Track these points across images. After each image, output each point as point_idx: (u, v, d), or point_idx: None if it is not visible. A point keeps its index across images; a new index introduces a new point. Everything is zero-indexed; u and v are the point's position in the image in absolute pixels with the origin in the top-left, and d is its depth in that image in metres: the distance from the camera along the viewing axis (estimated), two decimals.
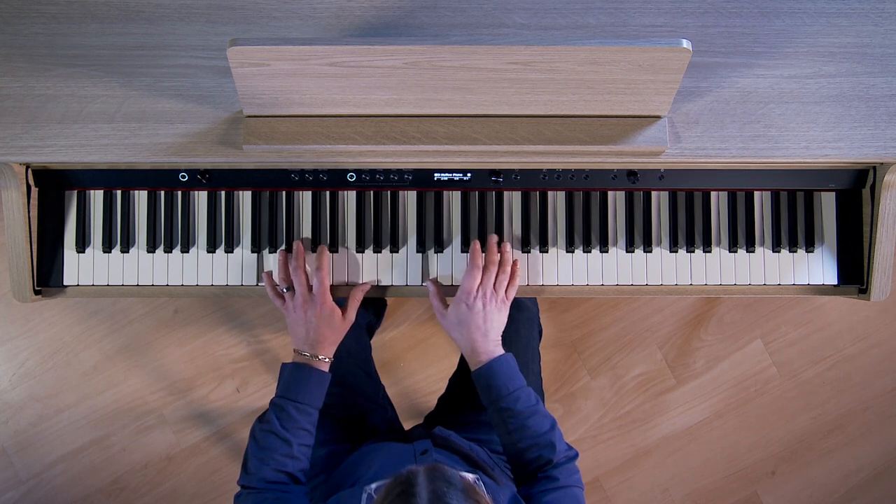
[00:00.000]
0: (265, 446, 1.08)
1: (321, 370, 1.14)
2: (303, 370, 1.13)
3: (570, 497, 1.04)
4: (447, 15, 1.15)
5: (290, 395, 1.11)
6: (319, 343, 1.15)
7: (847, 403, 2.06)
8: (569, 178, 1.22)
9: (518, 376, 1.12)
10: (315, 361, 1.14)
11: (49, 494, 1.99)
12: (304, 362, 1.14)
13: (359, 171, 1.21)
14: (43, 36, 1.13)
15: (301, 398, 1.10)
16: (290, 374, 1.13)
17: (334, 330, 1.16)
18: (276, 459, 1.07)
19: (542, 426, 1.08)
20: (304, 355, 1.14)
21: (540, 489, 1.04)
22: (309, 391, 1.11)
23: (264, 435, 1.09)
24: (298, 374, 1.12)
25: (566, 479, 1.05)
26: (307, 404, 1.11)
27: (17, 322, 1.98)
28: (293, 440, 1.08)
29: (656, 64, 0.99)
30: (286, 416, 1.09)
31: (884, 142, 1.12)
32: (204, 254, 1.23)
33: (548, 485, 1.04)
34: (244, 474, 1.09)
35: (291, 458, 1.08)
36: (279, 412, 1.10)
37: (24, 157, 1.11)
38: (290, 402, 1.10)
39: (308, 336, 1.15)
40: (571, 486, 1.05)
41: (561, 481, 1.05)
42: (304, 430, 1.10)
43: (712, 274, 1.25)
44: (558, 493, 1.03)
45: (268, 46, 0.96)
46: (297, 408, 1.10)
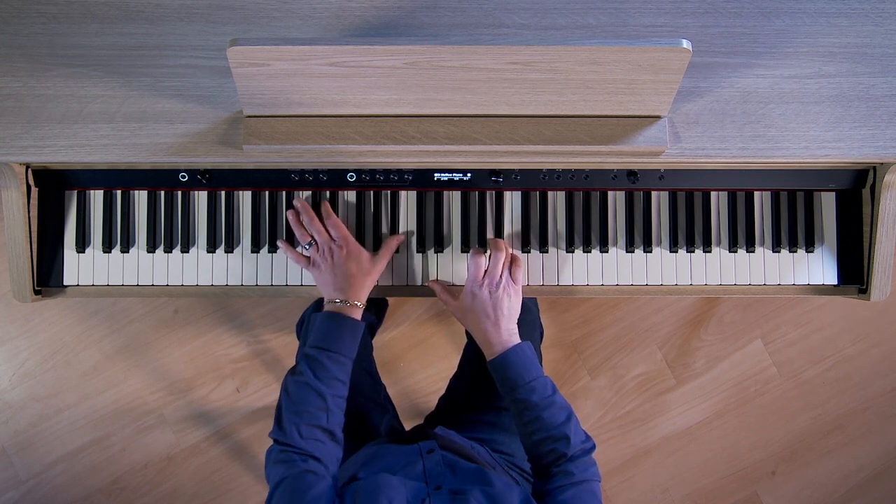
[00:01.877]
0: (298, 399, 1.04)
1: (354, 318, 1.11)
2: (335, 318, 1.10)
3: (586, 492, 1.01)
4: (447, 15, 1.15)
5: (324, 343, 1.07)
6: (350, 286, 1.12)
7: (847, 403, 2.06)
8: (569, 178, 1.22)
9: (534, 366, 1.10)
10: (347, 308, 1.11)
11: (49, 494, 1.99)
12: (336, 310, 1.11)
13: (359, 171, 1.21)
14: (43, 36, 1.13)
15: (335, 347, 1.07)
16: (323, 323, 1.10)
17: (363, 271, 1.14)
18: (311, 412, 1.03)
19: (557, 418, 1.06)
20: (335, 303, 1.11)
21: (555, 485, 1.02)
22: (343, 340, 1.08)
23: (297, 387, 1.05)
24: (331, 322, 1.09)
25: (581, 473, 1.03)
26: (341, 353, 1.07)
27: (17, 322, 1.98)
28: (327, 392, 1.04)
29: (656, 64, 0.99)
30: (319, 366, 1.06)
31: (884, 142, 1.12)
32: (204, 254, 1.23)
33: (563, 480, 1.02)
34: (278, 429, 1.04)
35: (326, 410, 1.04)
36: (312, 363, 1.06)
37: (24, 157, 1.11)
38: (323, 352, 1.07)
39: (337, 281, 1.12)
40: (588, 481, 1.03)
41: (576, 476, 1.02)
42: (339, 381, 1.06)
43: (712, 274, 1.25)
44: (575, 490, 1.01)
45: (268, 46, 0.96)
46: (331, 357, 1.06)
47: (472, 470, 1.06)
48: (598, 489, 1.04)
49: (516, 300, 1.15)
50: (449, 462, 1.07)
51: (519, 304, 1.15)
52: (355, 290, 1.13)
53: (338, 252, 1.14)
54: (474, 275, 1.14)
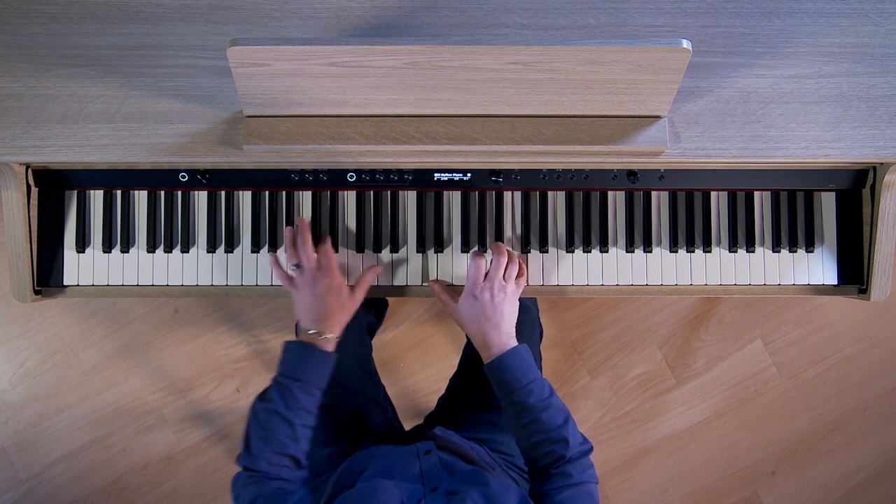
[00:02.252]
0: (267, 427, 1.05)
1: (327, 350, 1.12)
2: (308, 349, 1.11)
3: (583, 494, 1.02)
4: (447, 15, 1.15)
5: (295, 374, 1.09)
6: (327, 319, 1.13)
7: (847, 403, 2.06)
8: (569, 178, 1.22)
9: (531, 368, 1.10)
10: (321, 340, 1.12)
11: (49, 494, 1.99)
12: (309, 341, 1.12)
13: (359, 171, 1.21)
14: (43, 36, 1.13)
15: (306, 377, 1.08)
16: (296, 352, 1.11)
17: (342, 307, 1.14)
18: (279, 440, 1.05)
19: (555, 420, 1.06)
20: (310, 333, 1.12)
21: (552, 486, 1.02)
22: (314, 371, 1.09)
23: (267, 415, 1.07)
24: (304, 352, 1.10)
25: (579, 475, 1.03)
26: (311, 384, 1.09)
27: (17, 322, 1.98)
28: (296, 421, 1.06)
29: (656, 64, 0.99)
30: (290, 396, 1.07)
31: (884, 142, 1.12)
32: (204, 254, 1.23)
33: (561, 482, 1.03)
34: (246, 454, 1.06)
35: (294, 439, 1.06)
36: (283, 391, 1.08)
37: (24, 157, 1.11)
38: (294, 382, 1.08)
39: (317, 311, 1.13)
40: (585, 483, 1.03)
41: (574, 478, 1.03)
42: (307, 412, 1.08)
43: (712, 274, 1.25)
44: (571, 491, 1.01)
45: (268, 46, 0.96)
46: (302, 388, 1.08)
47: (469, 471, 1.06)
48: (595, 491, 1.04)
49: (515, 304, 1.15)
50: (445, 463, 1.07)
51: (517, 308, 1.15)
52: (331, 324, 1.13)
53: (321, 282, 1.14)
54: (474, 277, 1.14)
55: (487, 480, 1.01)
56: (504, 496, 0.96)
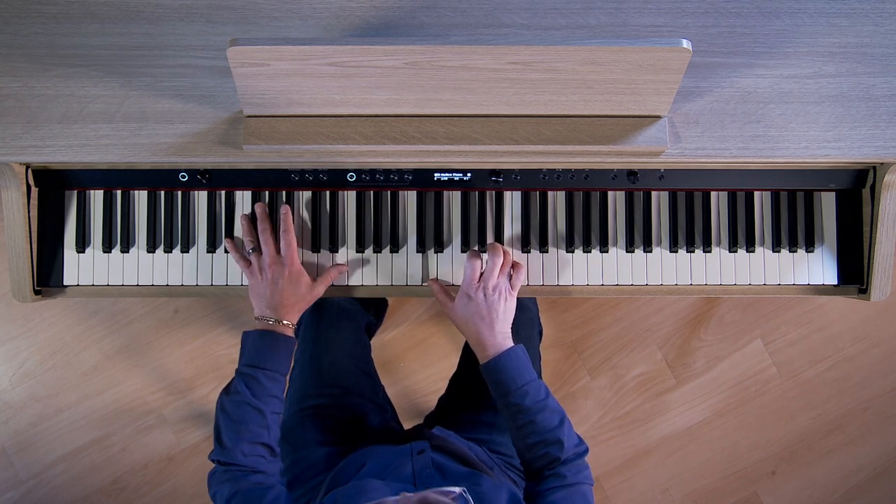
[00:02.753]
0: (238, 418, 1.05)
1: (287, 335, 1.12)
2: (269, 336, 1.11)
3: (577, 494, 1.02)
4: (447, 15, 1.15)
5: (259, 362, 1.09)
6: (283, 307, 1.13)
7: (847, 403, 2.06)
8: (569, 178, 1.22)
9: (527, 369, 1.10)
10: (279, 327, 1.12)
11: (49, 494, 1.99)
12: (268, 329, 1.12)
13: (359, 171, 1.21)
14: (43, 36, 1.13)
15: (270, 365, 1.09)
16: (256, 341, 1.11)
17: (300, 296, 1.15)
18: (252, 430, 1.05)
19: (550, 422, 1.06)
20: (267, 322, 1.12)
21: (546, 487, 1.03)
22: (277, 358, 1.10)
23: (236, 406, 1.06)
24: (264, 340, 1.11)
25: (573, 476, 1.04)
26: (276, 371, 1.09)
27: (17, 322, 1.98)
28: (265, 409, 1.06)
29: (656, 64, 0.99)
30: (256, 384, 1.07)
31: (884, 142, 1.12)
32: (204, 254, 1.23)
33: (554, 482, 1.03)
34: (219, 448, 1.06)
35: (265, 427, 1.06)
36: (249, 381, 1.08)
37: (24, 157, 1.11)
38: (259, 370, 1.08)
39: (272, 299, 1.13)
40: (579, 484, 1.03)
41: (568, 479, 1.03)
42: (275, 398, 1.08)
43: (712, 274, 1.25)
44: (565, 492, 1.02)
45: (268, 46, 0.96)
46: (267, 375, 1.08)
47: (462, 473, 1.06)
48: (589, 492, 1.04)
49: (511, 304, 1.15)
50: (438, 464, 1.07)
51: (514, 309, 1.15)
52: (286, 311, 1.13)
53: (279, 270, 1.14)
54: (470, 277, 1.14)
55: (479, 481, 1.01)
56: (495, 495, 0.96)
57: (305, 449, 1.24)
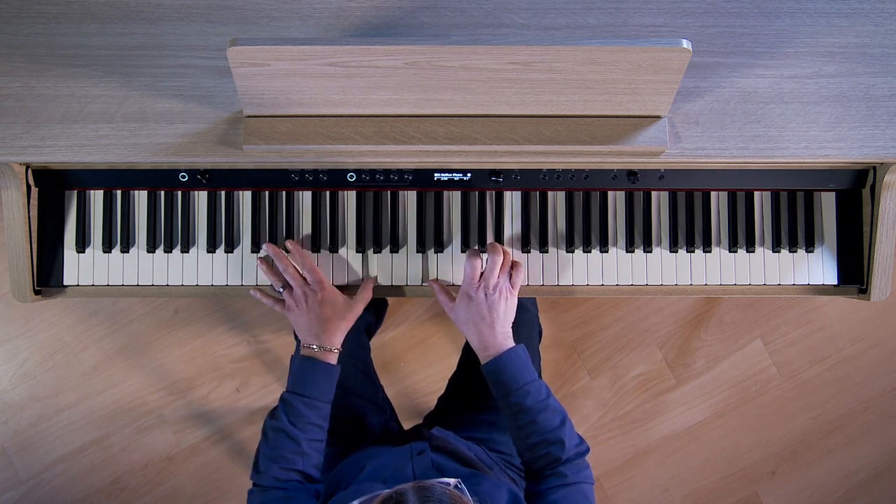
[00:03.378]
0: (274, 444, 1.07)
1: (328, 363, 1.12)
2: (309, 363, 1.12)
3: (578, 493, 1.02)
4: (447, 15, 1.15)
5: (298, 389, 1.10)
6: (325, 331, 1.13)
7: (847, 403, 2.06)
8: (569, 178, 1.22)
9: (528, 369, 1.10)
10: (322, 353, 1.12)
11: (49, 494, 1.99)
12: (311, 356, 1.13)
13: (359, 171, 1.21)
14: (43, 36, 1.13)
15: (309, 392, 1.09)
16: (298, 367, 1.12)
17: (339, 315, 1.15)
18: (286, 457, 1.06)
19: (551, 422, 1.07)
20: (311, 348, 1.13)
21: (547, 486, 1.03)
22: (317, 385, 1.10)
23: (274, 433, 1.08)
24: (305, 367, 1.12)
25: (574, 475, 1.04)
26: (315, 398, 1.10)
27: (17, 322, 1.98)
28: (301, 437, 1.07)
29: (656, 64, 0.99)
30: (294, 413, 1.08)
31: (884, 142, 1.12)
32: (204, 254, 1.23)
33: (555, 482, 1.03)
34: (255, 472, 1.08)
35: (301, 454, 1.07)
36: (287, 408, 1.09)
37: (24, 157, 1.11)
38: (297, 397, 1.09)
39: (312, 326, 1.13)
40: (580, 483, 1.04)
41: (569, 478, 1.03)
42: (314, 426, 1.09)
43: (712, 274, 1.25)
44: (565, 491, 1.02)
45: (268, 46, 0.96)
46: (305, 402, 1.09)
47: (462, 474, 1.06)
48: (590, 492, 1.05)
49: (512, 304, 1.15)
50: (438, 465, 1.07)
51: (514, 308, 1.15)
52: (329, 335, 1.14)
53: (312, 296, 1.14)
54: (470, 277, 1.14)
55: (479, 481, 1.01)
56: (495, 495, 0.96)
57: None
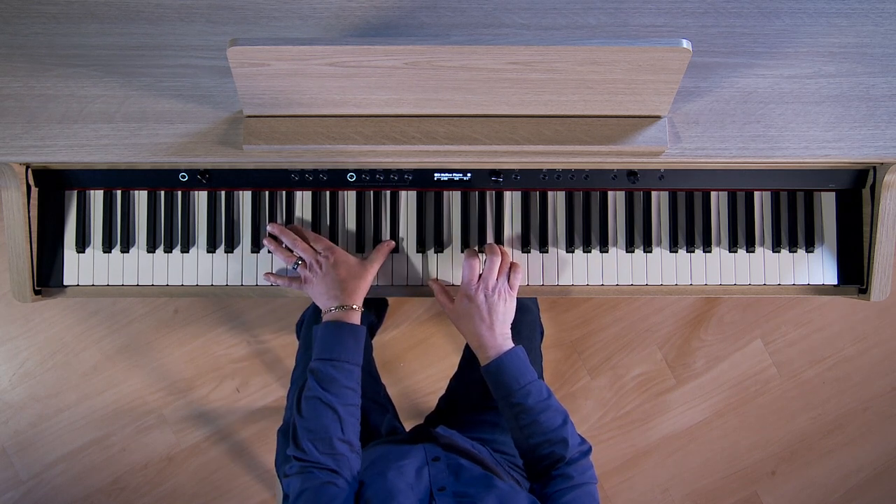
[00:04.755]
0: (310, 416, 1.04)
1: (353, 323, 1.11)
2: (334, 326, 1.10)
3: (586, 495, 1.02)
4: (447, 15, 1.15)
5: (327, 354, 1.08)
6: (343, 290, 1.12)
7: (847, 403, 2.06)
8: (569, 178, 1.22)
9: (528, 370, 1.10)
10: (345, 314, 1.11)
11: (49, 494, 1.99)
12: (334, 318, 1.11)
13: (359, 171, 1.21)
14: (43, 36, 1.13)
15: (339, 355, 1.07)
16: (323, 334, 1.10)
17: (354, 275, 1.14)
18: (325, 426, 1.03)
19: (553, 421, 1.06)
20: (331, 311, 1.12)
21: (555, 489, 1.02)
22: (344, 347, 1.08)
23: (308, 403, 1.05)
24: (331, 331, 1.09)
25: (580, 476, 1.04)
26: (345, 361, 1.08)
27: (17, 322, 1.98)
28: (337, 402, 1.05)
29: (656, 64, 0.99)
30: (326, 378, 1.06)
31: (884, 142, 1.12)
32: (204, 254, 1.23)
33: (562, 484, 1.03)
34: (294, 447, 1.04)
35: (339, 420, 1.04)
36: (318, 375, 1.06)
37: (24, 157, 1.11)
38: (327, 363, 1.07)
39: (330, 289, 1.13)
40: (586, 484, 1.03)
41: (575, 479, 1.03)
42: (348, 389, 1.07)
43: (712, 274, 1.25)
44: (575, 493, 1.01)
45: (268, 46, 0.96)
46: (336, 366, 1.07)
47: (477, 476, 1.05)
48: (595, 491, 1.04)
49: (511, 305, 1.15)
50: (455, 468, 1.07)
51: (514, 309, 1.15)
52: (349, 294, 1.13)
53: (325, 262, 1.14)
54: (468, 278, 1.14)
55: (495, 483, 1.00)
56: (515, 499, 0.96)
57: None
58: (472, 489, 0.99)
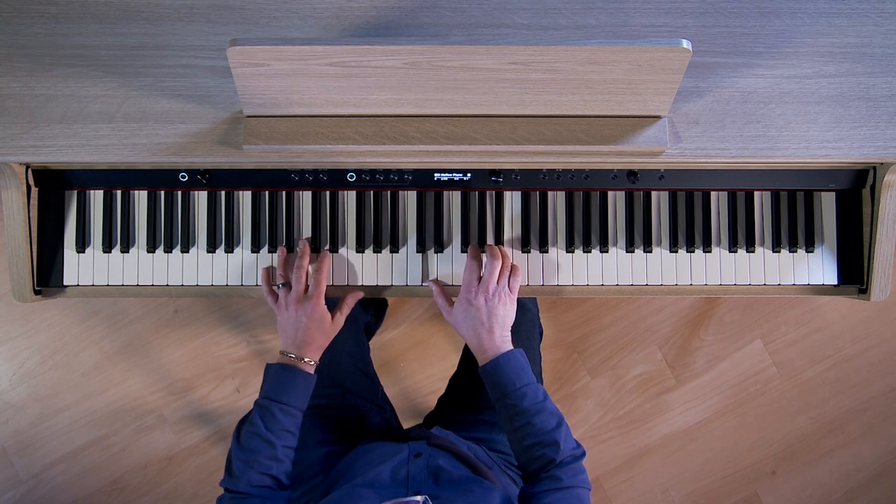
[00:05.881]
0: (249, 448, 1.07)
1: (307, 372, 1.13)
2: (288, 371, 1.12)
3: (572, 497, 1.02)
4: (447, 15, 1.15)
5: (275, 396, 1.10)
6: (307, 345, 1.14)
7: (847, 403, 2.06)
8: (569, 178, 1.22)
9: (526, 372, 1.10)
10: (301, 364, 1.13)
11: (49, 494, 1.99)
12: (289, 363, 1.13)
13: (359, 171, 1.21)
14: (43, 36, 1.13)
15: (286, 399, 1.10)
16: (276, 374, 1.12)
17: (323, 333, 1.16)
18: (261, 462, 1.06)
19: (547, 424, 1.07)
20: (289, 357, 1.14)
21: (541, 489, 1.03)
22: (294, 393, 1.11)
23: (248, 437, 1.08)
24: (284, 375, 1.12)
25: (570, 479, 1.04)
26: (292, 406, 1.10)
27: (17, 322, 1.98)
28: (277, 442, 1.07)
29: (656, 64, 0.99)
30: (270, 418, 1.08)
31: (884, 142, 1.12)
32: (204, 254, 1.23)
33: (550, 485, 1.03)
34: (228, 477, 1.07)
35: (275, 460, 1.07)
36: (264, 413, 1.09)
37: (24, 157, 1.11)
38: (274, 404, 1.09)
39: (296, 337, 1.14)
40: (575, 487, 1.03)
41: (564, 481, 1.03)
42: (288, 433, 1.09)
43: (712, 274, 1.25)
44: (561, 494, 1.01)
45: (268, 46, 0.96)
46: (282, 409, 1.09)
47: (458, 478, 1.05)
48: (586, 497, 1.04)
49: (511, 308, 1.15)
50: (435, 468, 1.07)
51: (514, 312, 1.16)
52: (310, 350, 1.15)
53: (303, 310, 1.15)
54: (468, 282, 1.14)
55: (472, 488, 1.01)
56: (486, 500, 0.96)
57: (305, 449, 1.24)
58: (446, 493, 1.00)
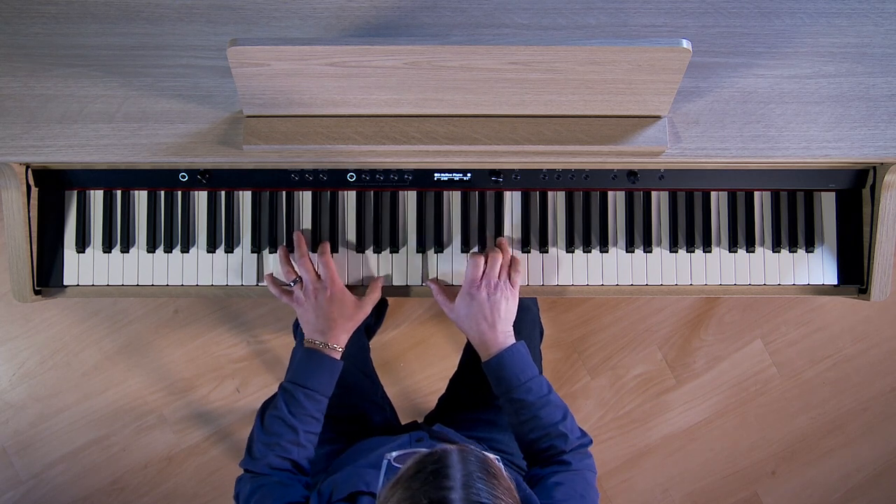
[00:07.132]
0: (272, 431, 1.07)
1: (333, 357, 1.12)
2: (314, 356, 1.11)
3: (580, 479, 1.03)
4: (447, 15, 1.15)
5: (300, 380, 1.09)
6: (331, 329, 1.13)
7: (847, 403, 2.06)
8: (569, 178, 1.22)
9: (530, 366, 1.11)
10: (326, 350, 1.12)
11: (49, 494, 1.99)
12: (315, 348, 1.13)
13: (359, 171, 1.21)
14: (43, 36, 1.13)
15: (311, 384, 1.09)
16: (302, 359, 1.12)
17: (346, 316, 1.15)
18: (282, 446, 1.06)
19: (553, 416, 1.07)
20: (315, 343, 1.13)
21: (549, 471, 1.04)
22: (320, 378, 1.10)
23: (271, 420, 1.08)
24: (310, 360, 1.11)
25: (578, 463, 1.05)
26: (317, 391, 1.09)
27: (17, 322, 1.98)
28: (300, 427, 1.07)
29: (656, 64, 0.99)
30: (295, 403, 1.08)
31: (884, 142, 1.12)
32: (204, 254, 1.23)
33: (558, 468, 1.04)
34: (248, 458, 1.07)
35: (297, 445, 1.07)
36: (288, 398, 1.09)
37: (24, 157, 1.11)
38: (299, 389, 1.09)
39: (319, 323, 1.13)
40: (583, 470, 1.04)
41: (573, 465, 1.04)
42: (312, 418, 1.09)
43: (712, 274, 1.25)
44: (568, 475, 1.03)
45: (268, 46, 0.96)
46: (307, 394, 1.09)
47: None
48: (592, 480, 1.05)
49: (513, 303, 1.15)
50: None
51: (515, 307, 1.16)
52: (335, 334, 1.14)
53: (322, 293, 1.14)
54: (472, 277, 1.14)
55: None
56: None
57: None
58: None
